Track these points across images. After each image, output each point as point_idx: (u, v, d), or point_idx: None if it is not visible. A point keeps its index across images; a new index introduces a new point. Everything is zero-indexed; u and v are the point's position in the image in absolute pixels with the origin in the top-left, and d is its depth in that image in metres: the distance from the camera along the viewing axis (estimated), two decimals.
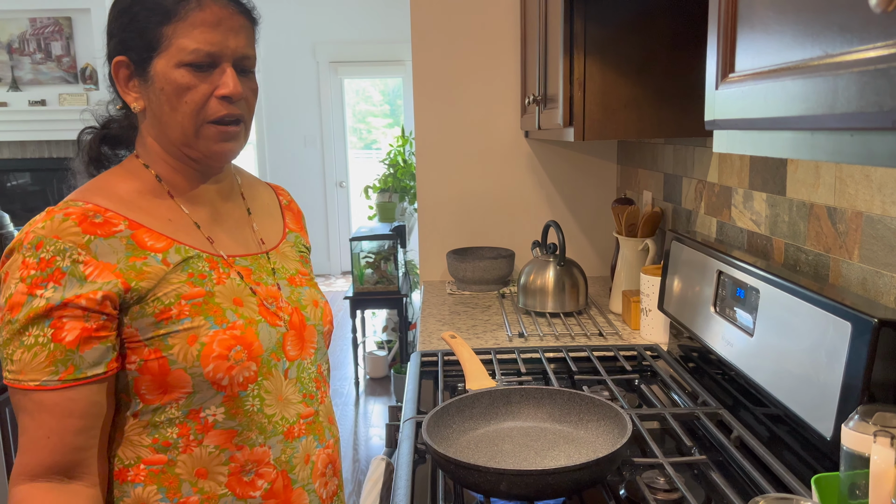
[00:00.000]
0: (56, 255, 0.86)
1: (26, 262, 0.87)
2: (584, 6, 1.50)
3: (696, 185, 1.75)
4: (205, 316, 0.92)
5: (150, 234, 0.93)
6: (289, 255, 1.11)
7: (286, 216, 1.17)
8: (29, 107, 6.15)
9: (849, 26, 0.51)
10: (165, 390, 0.92)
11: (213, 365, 0.91)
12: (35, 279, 0.86)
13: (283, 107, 6.99)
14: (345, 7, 6.79)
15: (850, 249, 1.12)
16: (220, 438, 0.94)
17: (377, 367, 4.37)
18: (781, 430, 1.13)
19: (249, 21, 0.98)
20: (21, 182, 6.36)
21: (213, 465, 0.94)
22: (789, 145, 0.63)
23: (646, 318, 1.76)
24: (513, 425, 1.20)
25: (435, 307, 2.15)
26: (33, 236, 0.87)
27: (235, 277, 0.99)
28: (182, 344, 0.90)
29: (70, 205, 0.91)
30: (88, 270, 0.87)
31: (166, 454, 0.93)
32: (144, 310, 0.90)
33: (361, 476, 3.24)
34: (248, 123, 1.00)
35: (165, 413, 0.93)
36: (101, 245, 0.89)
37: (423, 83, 2.42)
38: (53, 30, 6.18)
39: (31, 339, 0.86)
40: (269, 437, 0.97)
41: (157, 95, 0.94)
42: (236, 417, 0.95)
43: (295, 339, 1.02)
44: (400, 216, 4.62)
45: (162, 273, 0.91)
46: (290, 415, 1.00)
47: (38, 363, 0.86)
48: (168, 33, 0.91)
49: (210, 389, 0.92)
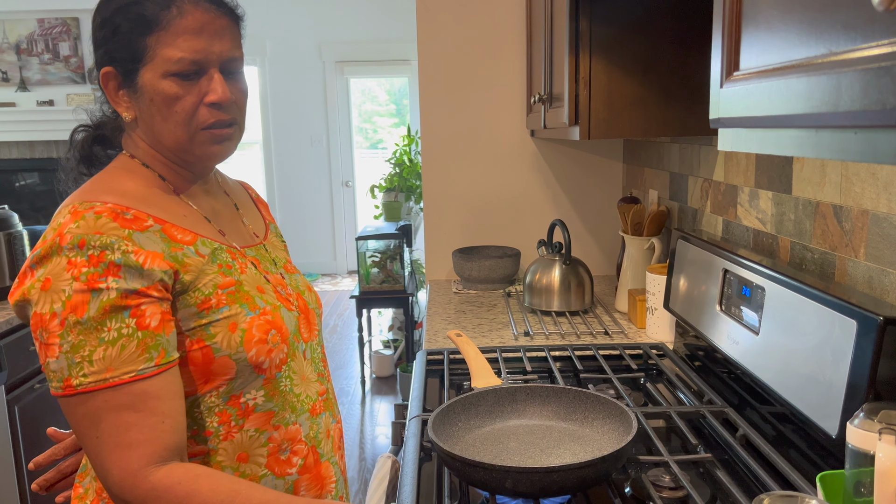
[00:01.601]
0: (104, 249, 0.84)
1: (73, 261, 0.84)
2: (590, 5, 1.51)
3: (702, 183, 1.75)
4: (239, 304, 0.95)
5: (176, 229, 0.94)
6: (277, 245, 1.16)
7: (260, 208, 1.20)
8: (37, 107, 6.19)
9: (853, 24, 0.51)
10: (207, 379, 0.93)
11: (256, 349, 0.94)
12: (91, 275, 0.83)
13: (289, 106, 7.01)
14: (351, 7, 6.80)
15: (856, 248, 1.12)
16: (259, 421, 0.97)
17: (383, 366, 4.38)
18: (787, 429, 1.13)
19: (233, 20, 0.97)
20: (29, 182, 6.40)
21: (254, 448, 0.96)
22: (794, 143, 0.63)
23: (651, 317, 1.76)
24: (518, 423, 1.20)
25: (441, 306, 2.15)
26: (71, 236, 0.85)
27: (251, 267, 1.02)
28: (224, 332, 0.92)
29: (95, 204, 0.89)
30: (140, 259, 0.86)
31: (207, 444, 0.94)
32: (187, 300, 0.91)
33: (367, 474, 3.25)
34: (241, 124, 1.01)
35: (204, 402, 0.93)
36: (141, 237, 0.88)
37: (428, 83, 2.43)
38: (61, 30, 6.21)
39: (114, 332, 0.84)
40: (299, 414, 1.01)
41: (148, 106, 0.94)
42: (274, 398, 0.98)
43: (305, 322, 1.07)
44: (406, 215, 4.62)
45: (200, 264, 0.93)
46: (312, 392, 1.04)
47: (129, 354, 0.84)
48: (151, 43, 0.91)
49: (252, 374, 0.95)
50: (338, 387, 4.29)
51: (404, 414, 1.55)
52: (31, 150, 6.33)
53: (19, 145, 6.32)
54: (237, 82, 0.98)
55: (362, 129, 7.37)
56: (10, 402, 2.22)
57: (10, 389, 2.24)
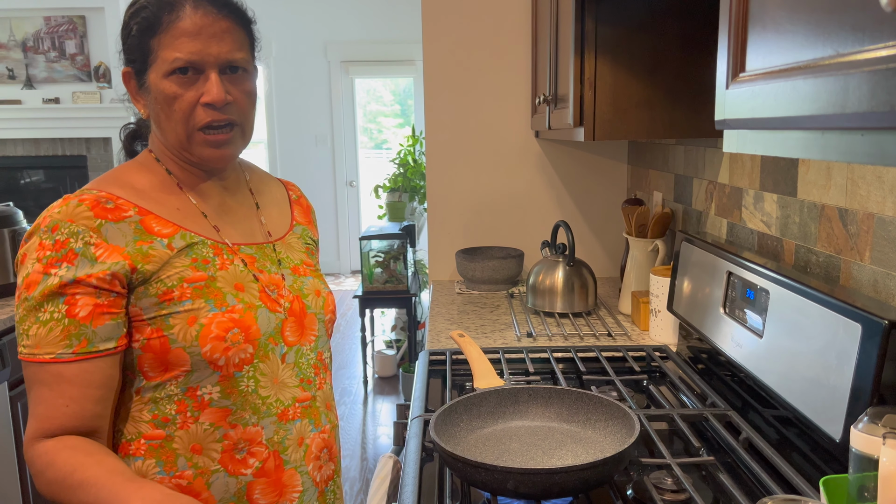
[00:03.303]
0: (70, 237, 0.92)
1: (42, 243, 0.92)
2: (596, 6, 1.50)
3: (707, 185, 1.74)
4: (205, 299, 0.97)
5: (158, 221, 0.98)
6: (295, 246, 1.15)
7: (294, 210, 1.21)
8: (43, 104, 6.20)
9: (860, 25, 0.51)
10: (166, 368, 0.96)
11: (211, 345, 0.96)
12: (50, 259, 0.91)
13: (294, 106, 7.02)
14: (356, 7, 6.81)
15: (861, 251, 1.12)
16: (214, 416, 0.98)
17: (386, 366, 4.38)
18: (790, 432, 1.12)
19: (238, 24, 1.00)
20: (34, 179, 6.41)
21: (208, 442, 0.98)
22: (800, 145, 0.63)
23: (655, 319, 1.76)
24: (520, 424, 1.20)
25: (444, 306, 2.15)
26: (50, 220, 0.93)
27: (239, 264, 1.03)
28: (182, 324, 0.95)
29: (85, 192, 0.97)
30: (99, 252, 0.92)
31: (164, 429, 0.98)
32: (148, 290, 0.95)
33: (369, 474, 3.25)
34: (244, 126, 1.02)
35: (165, 390, 0.97)
36: (111, 229, 0.94)
37: (433, 83, 2.43)
38: (67, 28, 6.23)
39: (47, 314, 0.91)
40: (262, 417, 1.01)
41: (154, 105, 1.00)
42: (231, 396, 0.99)
43: (294, 326, 1.06)
44: (409, 216, 4.62)
45: (166, 257, 0.96)
46: (286, 397, 1.04)
47: (54, 337, 0.91)
48: (155, 45, 0.96)
49: (207, 369, 0.97)
50: (340, 386, 4.29)
51: (406, 414, 1.55)
52: (36, 148, 6.35)
53: (25, 142, 6.33)
54: (240, 84, 1.00)
55: (367, 129, 7.38)
56: (12, 398, 2.22)
57: (12, 386, 2.24)
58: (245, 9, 1.02)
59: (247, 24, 1.02)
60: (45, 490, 0.91)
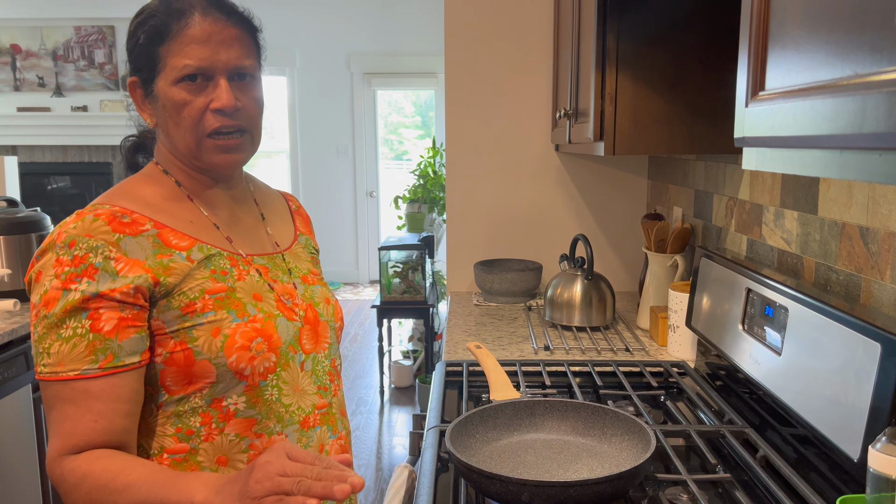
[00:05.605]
0: (89, 252, 0.91)
1: (60, 259, 0.91)
2: (617, 22, 1.51)
3: (727, 202, 1.74)
4: (227, 310, 0.97)
5: (175, 234, 0.98)
6: (301, 255, 1.16)
7: (296, 220, 1.22)
8: (71, 112, 6.32)
9: (879, 46, 0.51)
10: (190, 381, 0.96)
11: (237, 355, 0.96)
12: (69, 275, 0.90)
13: (316, 116, 7.08)
14: (380, 20, 6.87)
15: (882, 270, 1.11)
16: (240, 426, 0.98)
17: (402, 377, 4.38)
18: (808, 451, 1.12)
19: (245, 30, 1.01)
20: (61, 185, 6.53)
21: (233, 453, 0.98)
22: (818, 164, 0.63)
23: (673, 335, 1.75)
24: (536, 437, 1.20)
25: (461, 318, 2.16)
26: (66, 236, 0.92)
27: (255, 274, 1.03)
28: (206, 336, 0.95)
29: (98, 207, 0.96)
30: (119, 266, 0.92)
31: (189, 443, 0.97)
32: (171, 303, 0.95)
33: (384, 484, 3.25)
34: (253, 133, 1.03)
35: (189, 403, 0.97)
36: (129, 243, 0.94)
37: (455, 96, 2.45)
38: (97, 38, 6.35)
39: (69, 330, 0.90)
40: (286, 425, 1.01)
41: (162, 113, 0.99)
42: (256, 406, 0.99)
43: (310, 334, 1.07)
44: (428, 227, 4.64)
45: (187, 269, 0.96)
46: (306, 405, 1.04)
47: (78, 353, 0.90)
48: (163, 53, 0.97)
49: (233, 379, 0.97)
50: (356, 396, 4.30)
51: (422, 424, 1.56)
52: (64, 155, 6.46)
53: (53, 149, 6.45)
54: (248, 91, 1.01)
55: (388, 141, 7.42)
56: (35, 401, 2.26)
57: (36, 389, 2.28)
58: (252, 17, 1.03)
59: (254, 33, 1.03)
60: (82, 502, 0.90)
